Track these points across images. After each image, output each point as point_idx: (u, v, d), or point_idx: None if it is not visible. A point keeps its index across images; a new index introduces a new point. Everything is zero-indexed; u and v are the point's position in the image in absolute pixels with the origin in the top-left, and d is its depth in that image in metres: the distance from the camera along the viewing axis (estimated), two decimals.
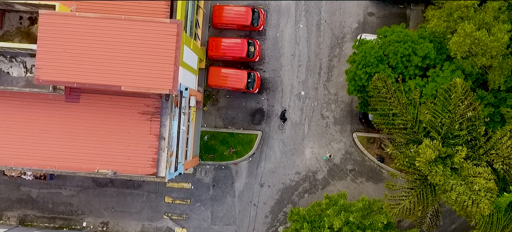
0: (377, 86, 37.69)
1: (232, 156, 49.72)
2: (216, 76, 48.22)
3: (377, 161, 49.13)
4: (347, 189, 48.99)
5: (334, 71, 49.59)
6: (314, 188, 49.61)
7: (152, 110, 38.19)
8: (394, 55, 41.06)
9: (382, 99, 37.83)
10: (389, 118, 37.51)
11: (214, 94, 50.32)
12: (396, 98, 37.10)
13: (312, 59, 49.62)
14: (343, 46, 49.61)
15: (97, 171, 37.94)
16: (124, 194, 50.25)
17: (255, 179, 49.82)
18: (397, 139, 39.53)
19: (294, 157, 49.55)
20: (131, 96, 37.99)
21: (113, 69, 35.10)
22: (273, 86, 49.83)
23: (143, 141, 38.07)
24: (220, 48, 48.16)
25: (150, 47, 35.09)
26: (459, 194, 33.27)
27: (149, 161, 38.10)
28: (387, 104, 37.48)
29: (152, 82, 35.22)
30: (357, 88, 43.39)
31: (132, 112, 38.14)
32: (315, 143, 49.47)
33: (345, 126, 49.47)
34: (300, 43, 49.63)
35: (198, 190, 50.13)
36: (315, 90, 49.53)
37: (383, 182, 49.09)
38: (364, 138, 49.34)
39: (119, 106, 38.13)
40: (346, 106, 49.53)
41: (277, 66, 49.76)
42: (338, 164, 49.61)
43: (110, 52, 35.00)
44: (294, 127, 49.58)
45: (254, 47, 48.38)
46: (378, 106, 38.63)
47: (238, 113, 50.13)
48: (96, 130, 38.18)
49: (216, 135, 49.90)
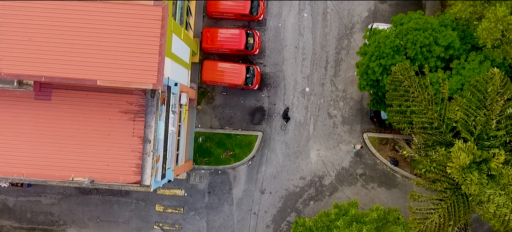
0: (397, 79, 31.56)
1: (230, 159, 43.87)
2: (211, 71, 42.42)
3: (391, 165, 43.22)
4: (358, 196, 43.15)
5: (342, 65, 43.67)
6: (320, 194, 43.66)
7: (136, 109, 32.21)
8: (412, 45, 35.18)
9: (402, 94, 31.73)
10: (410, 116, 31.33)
11: (209, 91, 44.41)
12: (420, 92, 30.96)
13: (318, 52, 43.70)
14: (352, 37, 43.67)
15: (71, 179, 31.96)
16: (110, 202, 44.33)
17: (255, 184, 43.93)
18: (419, 140, 33.48)
19: (298, 160, 43.65)
20: (111, 93, 32.00)
21: (88, 61, 29.13)
22: (274, 82, 43.91)
23: (125, 144, 32.08)
24: (216, 40, 42.38)
25: (131, 34, 29.16)
26: (498, 206, 27.24)
27: (132, 167, 32.09)
28: (409, 100, 31.28)
29: (133, 76, 29.22)
30: (370, 83, 37.52)
31: (112, 111, 32.15)
32: (321, 144, 43.55)
33: (354, 125, 43.57)
34: (305, 34, 43.72)
35: (192, 197, 44.23)
36: (321, 86, 43.62)
37: (397, 187, 43.26)
38: (376, 138, 43.41)
39: (97, 104, 32.13)
40: (355, 104, 43.63)
41: (279, 60, 43.87)
42: (347, 168, 43.67)
43: (83, 40, 29.06)
44: (298, 127, 43.66)
45: (253, 39, 42.57)
46: (397, 102, 32.52)
47: (236, 113, 44.23)
48: (71, 132, 32.18)
49: (211, 136, 44.04)
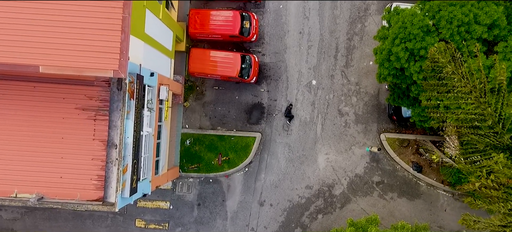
0: (437, 61, 23.51)
1: (223, 166, 36.00)
2: (200, 61, 34.65)
3: (413, 171, 35.31)
4: (374, 208, 35.26)
5: (355, 54, 35.79)
6: (330, 207, 35.74)
7: (97, 105, 24.30)
8: (447, 23, 27.32)
9: (443, 84, 23.72)
10: (456, 111, 23.22)
11: (198, 85, 36.52)
12: (469, 80, 22.84)
13: (326, 38, 35.82)
14: (367, 20, 35.81)
15: (14, 196, 24.06)
16: (83, 217, 36.45)
17: (252, 195, 36.02)
18: (455, 143, 25.51)
19: (303, 167, 35.76)
20: (65, 84, 24.09)
21: (27, 41, 21.27)
22: (275, 74, 36.03)
23: (83, 150, 24.16)
24: (205, 24, 34.65)
25: (85, 6, 21.31)
26: None
27: (93, 180, 24.16)
28: (453, 90, 23.17)
29: (87, 60, 21.35)
30: (393, 73, 29.65)
31: (67, 108, 24.23)
32: (330, 147, 35.66)
33: (370, 125, 35.68)
34: (310, 17, 35.87)
35: (179, 210, 36.35)
36: (330, 79, 35.75)
37: (421, 198, 35.37)
38: (396, 140, 35.52)
39: (48, 99, 24.18)
40: (371, 99, 35.75)
41: (281, 48, 35.99)
42: (361, 175, 35.75)
43: (21, 14, 21.24)
44: (303, 127, 35.78)
45: (249, 23, 34.78)
46: (435, 91, 24.41)
47: (230, 110, 36.37)
48: (14, 134, 24.31)
49: (201, 138, 36.17)
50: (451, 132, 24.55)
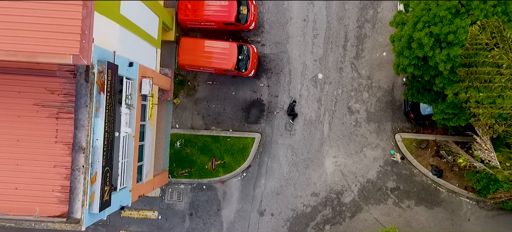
0: (480, 45, 18.83)
1: (217, 170, 31.48)
2: (192, 52, 30.24)
3: (433, 175, 30.78)
4: (389, 217, 30.76)
5: (367, 43, 31.24)
6: (339, 216, 31.18)
7: (60, 100, 19.70)
8: (481, 2, 22.72)
9: (486, 72, 19.06)
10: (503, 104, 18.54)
11: (189, 80, 32.00)
12: None
13: (334, 26, 31.29)
14: (379, 5, 31.28)
15: None
16: None
17: (251, 203, 31.53)
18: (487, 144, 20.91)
19: (308, 171, 31.23)
20: (20, 75, 19.52)
21: None
22: (276, 67, 31.53)
23: (43, 155, 19.57)
24: (198, 10, 30.39)
25: None
26: None
27: (55, 192, 19.55)
28: (494, 80, 18.43)
29: (41, 43, 16.76)
30: (414, 62, 25.03)
31: (23, 104, 19.63)
32: (339, 149, 31.12)
33: (383, 123, 31.13)
34: (316, 2, 31.44)
35: (168, 221, 31.84)
36: (338, 72, 31.22)
37: (441, 206, 30.87)
38: (413, 141, 30.98)
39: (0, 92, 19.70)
40: (384, 94, 31.22)
41: (283, 37, 31.47)
42: (373, 181, 31.19)
43: None
44: (308, 127, 31.25)
45: (247, 8, 30.37)
46: (477, 81, 19.77)
47: (226, 108, 31.85)
48: None
49: (193, 139, 31.67)
50: (484, 131, 19.99)
